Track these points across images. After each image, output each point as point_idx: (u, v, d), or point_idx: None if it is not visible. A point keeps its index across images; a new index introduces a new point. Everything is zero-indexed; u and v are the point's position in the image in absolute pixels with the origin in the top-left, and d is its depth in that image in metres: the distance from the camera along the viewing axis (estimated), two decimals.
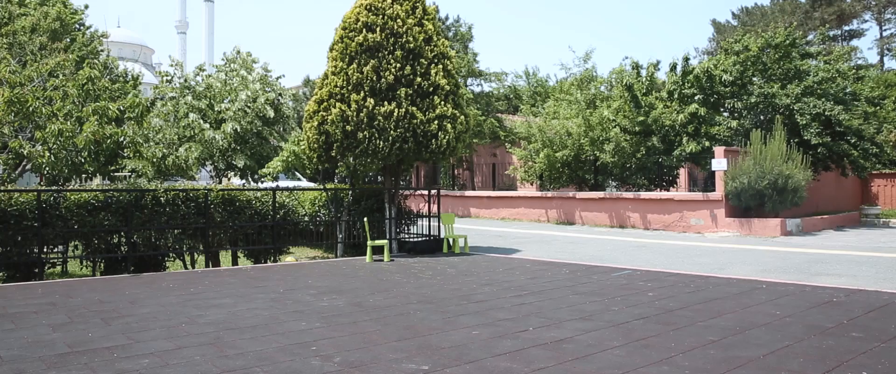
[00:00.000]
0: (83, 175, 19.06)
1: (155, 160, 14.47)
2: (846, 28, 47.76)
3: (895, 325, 5.61)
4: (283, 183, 19.64)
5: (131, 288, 7.88)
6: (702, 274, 9.00)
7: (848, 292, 7.42)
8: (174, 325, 5.73)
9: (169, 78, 18.38)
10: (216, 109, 17.26)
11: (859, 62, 29.68)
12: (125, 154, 14.56)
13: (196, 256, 12.05)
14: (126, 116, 12.07)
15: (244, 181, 17.24)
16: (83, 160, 11.25)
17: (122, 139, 10.97)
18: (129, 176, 14.90)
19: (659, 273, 9.02)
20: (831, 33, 44.84)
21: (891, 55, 42.81)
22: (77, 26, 23.34)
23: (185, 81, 18.09)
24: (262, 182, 18.22)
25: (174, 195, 10.45)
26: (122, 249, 10.31)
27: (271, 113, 17.06)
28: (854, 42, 47.37)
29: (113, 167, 17.20)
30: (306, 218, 12.64)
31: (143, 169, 14.54)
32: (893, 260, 10.81)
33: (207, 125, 16.53)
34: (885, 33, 47.33)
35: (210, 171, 17.84)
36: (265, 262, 11.88)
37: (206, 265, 11.81)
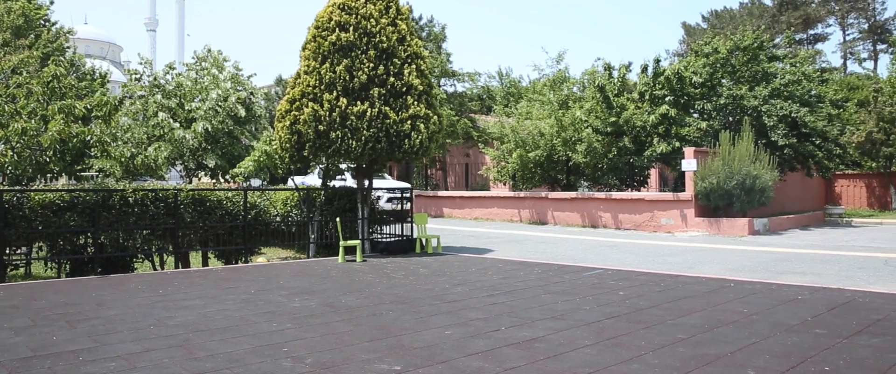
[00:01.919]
0: (48, 175, 18.66)
1: (123, 160, 14.22)
2: (811, 32, 48.91)
3: (856, 321, 5.75)
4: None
5: (98, 290, 7.74)
6: (672, 273, 9.12)
7: (812, 289, 7.58)
8: (142, 327, 5.64)
9: (138, 76, 18.11)
10: (186, 108, 17.05)
11: (824, 65, 30.38)
12: (92, 154, 14.29)
13: (165, 257, 11.87)
14: (93, 114, 11.87)
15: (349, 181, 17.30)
16: (48, 159, 11.01)
17: (89, 138, 10.77)
18: (97, 176, 14.62)
19: (630, 273, 9.12)
20: (797, 37, 45.86)
21: (853, 59, 43.89)
22: (42, 22, 22.85)
23: (155, 79, 17.84)
24: (339, 179, 18.24)
25: (143, 195, 10.28)
26: (89, 250, 10.11)
27: (243, 112, 16.90)
28: (819, 46, 48.56)
29: (79, 167, 16.87)
30: (278, 218, 12.53)
31: (111, 169, 14.28)
32: (855, 258, 11.08)
33: (177, 124, 16.31)
34: (848, 38, 48.56)
35: (180, 171, 17.60)
36: (236, 263, 11.75)
37: (176, 266, 11.65)
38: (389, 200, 19.45)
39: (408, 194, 20.10)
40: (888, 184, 24.48)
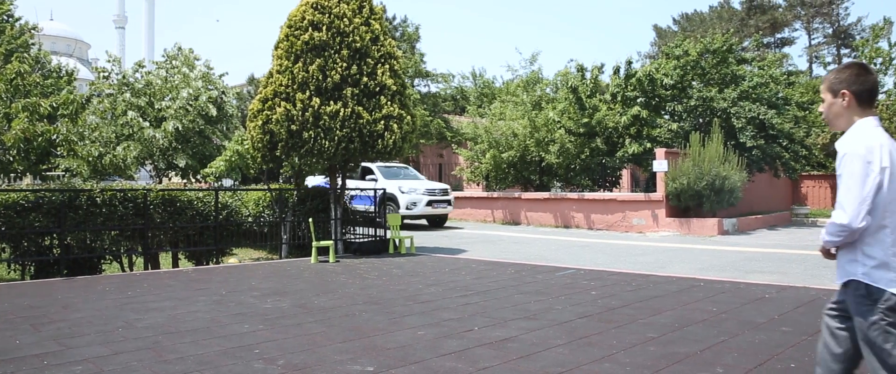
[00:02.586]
0: (12, 174, 18.24)
1: (91, 159, 13.97)
2: (778, 36, 49.91)
3: (821, 319, 5.87)
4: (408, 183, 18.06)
5: (64, 292, 7.58)
6: (643, 273, 9.22)
7: (779, 288, 7.73)
8: (110, 330, 5.54)
9: (106, 74, 17.81)
10: (156, 106, 16.80)
11: (790, 68, 30.97)
12: (58, 153, 14.01)
13: (134, 258, 11.67)
14: (59, 113, 11.63)
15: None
16: (12, 159, 10.77)
17: (54, 137, 10.55)
18: (63, 176, 14.33)
19: (602, 272, 9.21)
20: (765, 40, 46.74)
21: (819, 62, 44.89)
22: (5, 18, 22.31)
23: (124, 77, 17.56)
24: (370, 179, 17.30)
25: (111, 195, 10.09)
26: (55, 251, 9.89)
27: (214, 111, 16.72)
28: (786, 49, 49.56)
29: (45, 166, 16.53)
30: (250, 219, 12.41)
31: (78, 168, 14.02)
32: (820, 258, 11.27)
33: (147, 123, 16.07)
34: (813, 42, 49.62)
35: (150, 170, 17.33)
36: (207, 264, 11.60)
37: (145, 268, 11.47)
38: (430, 202, 17.86)
39: (449, 197, 18.57)
40: None
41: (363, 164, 18.12)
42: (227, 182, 16.09)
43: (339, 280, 8.52)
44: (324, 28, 11.08)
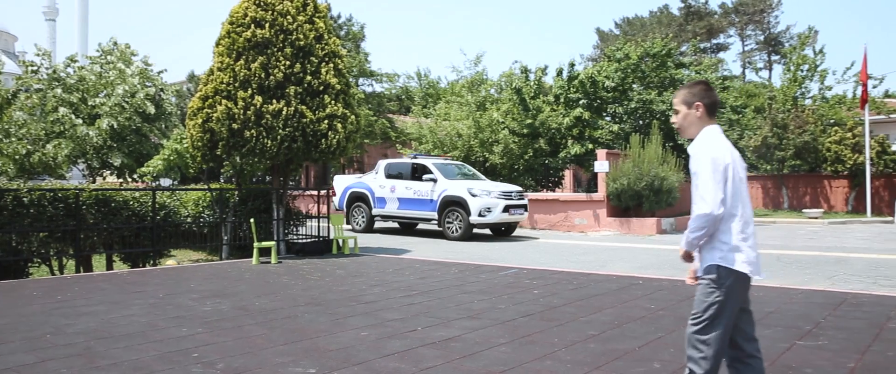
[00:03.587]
0: None
1: (17, 157, 13.35)
2: (714, 41, 51.72)
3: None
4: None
5: None
6: (584, 272, 9.40)
7: None
8: (37, 336, 5.30)
9: (35, 68, 17.03)
10: (90, 103, 16.17)
11: (725, 73, 32.16)
12: None
13: (65, 260, 11.21)
14: None
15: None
16: None
17: None
18: None
19: (544, 271, 9.34)
20: (702, 46, 48.35)
21: (751, 68, 46.71)
22: None
23: (54, 72, 16.83)
24: (428, 178, 15.36)
25: (40, 195, 9.67)
26: None
27: (152, 109, 16.22)
28: (721, 54, 51.36)
29: None
30: (189, 219, 12.08)
31: (4, 167, 13.38)
32: None
33: (80, 121, 15.46)
34: (746, 48, 51.63)
35: (83, 169, 16.69)
36: (144, 266, 11.24)
37: (77, 271, 11.02)
38: (506, 208, 14.88)
39: (525, 201, 15.98)
40: (781, 185, 26.13)
41: (416, 161, 16.10)
42: (166, 182, 15.64)
43: (281, 281, 8.39)
44: (266, 25, 10.89)
